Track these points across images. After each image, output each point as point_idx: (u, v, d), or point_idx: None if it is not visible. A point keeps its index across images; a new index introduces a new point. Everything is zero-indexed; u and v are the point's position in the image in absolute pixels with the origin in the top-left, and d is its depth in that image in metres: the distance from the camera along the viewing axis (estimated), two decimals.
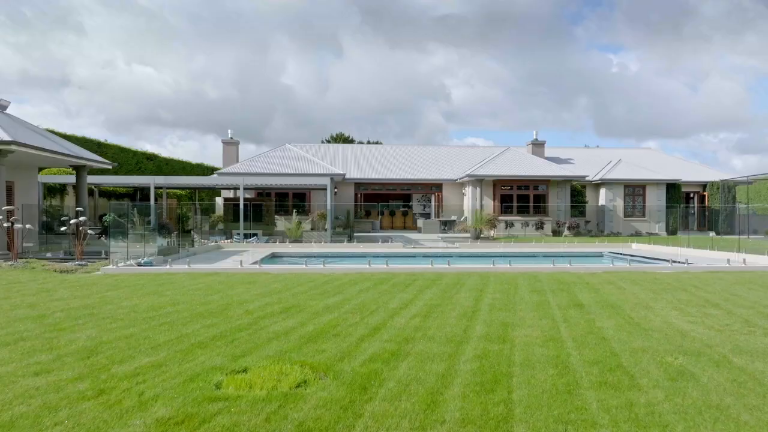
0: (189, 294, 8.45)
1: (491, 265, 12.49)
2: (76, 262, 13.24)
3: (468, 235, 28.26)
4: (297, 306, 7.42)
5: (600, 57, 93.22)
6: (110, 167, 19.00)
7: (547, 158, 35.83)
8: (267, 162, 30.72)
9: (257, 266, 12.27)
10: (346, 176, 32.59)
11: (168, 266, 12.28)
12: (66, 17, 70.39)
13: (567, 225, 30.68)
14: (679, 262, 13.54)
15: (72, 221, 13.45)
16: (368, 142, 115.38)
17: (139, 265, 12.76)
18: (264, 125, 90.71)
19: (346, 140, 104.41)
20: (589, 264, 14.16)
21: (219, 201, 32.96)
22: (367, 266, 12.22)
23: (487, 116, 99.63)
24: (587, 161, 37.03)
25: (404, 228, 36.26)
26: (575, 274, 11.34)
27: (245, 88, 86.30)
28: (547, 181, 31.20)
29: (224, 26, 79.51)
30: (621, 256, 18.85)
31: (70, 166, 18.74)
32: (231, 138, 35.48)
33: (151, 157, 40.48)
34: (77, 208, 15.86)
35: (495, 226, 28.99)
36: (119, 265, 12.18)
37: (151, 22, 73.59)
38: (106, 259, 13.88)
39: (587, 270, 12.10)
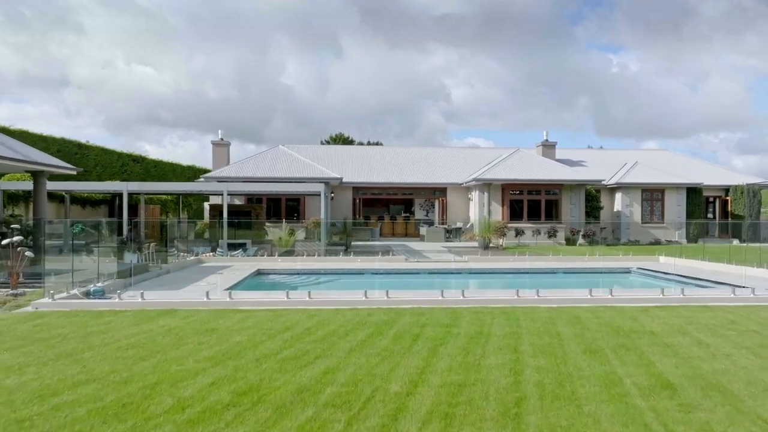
0: (113, 358, 6.11)
1: (515, 296, 10.15)
2: (10, 291, 10.90)
3: (475, 244, 25.94)
4: (256, 388, 5.09)
5: (600, 57, 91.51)
6: (74, 172, 16.68)
7: (558, 160, 33.52)
8: (258, 165, 28.40)
9: (227, 298, 9.91)
10: (344, 180, 30.31)
11: (117, 298, 9.92)
12: (65, 17, 68.65)
13: (582, 233, 28.35)
14: (741, 286, 11.20)
15: (4, 241, 11.10)
16: (368, 143, 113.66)
17: (87, 295, 10.41)
18: (264, 125, 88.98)
19: (346, 141, 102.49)
20: (629, 292, 11.84)
21: (208, 207, 30.68)
22: (363, 297, 9.89)
23: (487, 116, 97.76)
24: (600, 163, 34.70)
25: (406, 235, 33.93)
26: (624, 311, 9.02)
27: (245, 88, 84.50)
28: (560, 186, 28.87)
29: (224, 26, 77.64)
30: (652, 273, 16.53)
31: (27, 171, 16.43)
32: (221, 139, 33.19)
33: (138, 159, 38.16)
34: (12, 226, 13.49)
35: (504, 235, 26.67)
36: (56, 297, 9.83)
37: (151, 22, 71.73)
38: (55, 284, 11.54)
39: (634, 303, 9.77)
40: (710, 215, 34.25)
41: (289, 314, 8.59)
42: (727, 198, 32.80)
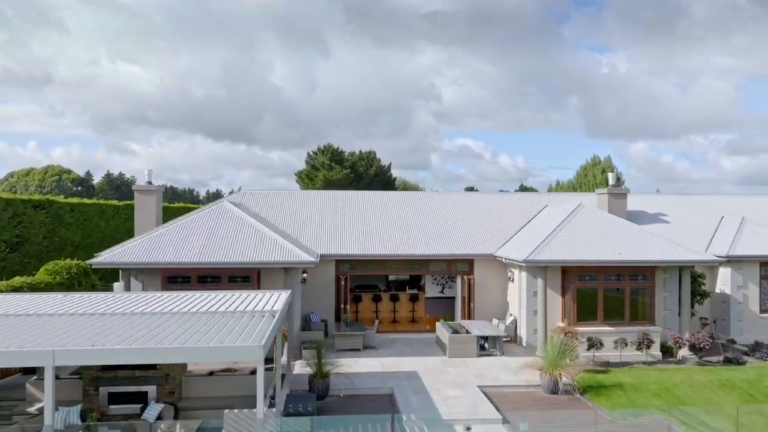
0: None
1: None
2: None
3: (534, 376, 15.84)
4: None
5: (590, 57, 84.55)
6: None
7: (630, 213, 23.67)
8: (185, 238, 18.25)
9: None
10: (323, 253, 20.36)
11: None
12: (47, 14, 60.21)
13: (688, 342, 18.36)
14: None
15: None
16: (359, 153, 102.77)
17: None
18: (253, 125, 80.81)
19: (335, 152, 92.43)
20: None
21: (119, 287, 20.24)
22: None
23: (477, 117, 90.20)
24: (685, 217, 24.72)
25: (412, 322, 23.89)
26: None
27: (232, 88, 76.11)
28: (653, 268, 18.91)
29: (207, 25, 69.18)
30: None
31: None
32: (149, 182, 22.99)
33: (42, 205, 27.98)
34: None
35: (577, 355, 16.58)
36: None
37: (134, 20, 63.30)
38: None
39: None
40: None
41: None
42: None
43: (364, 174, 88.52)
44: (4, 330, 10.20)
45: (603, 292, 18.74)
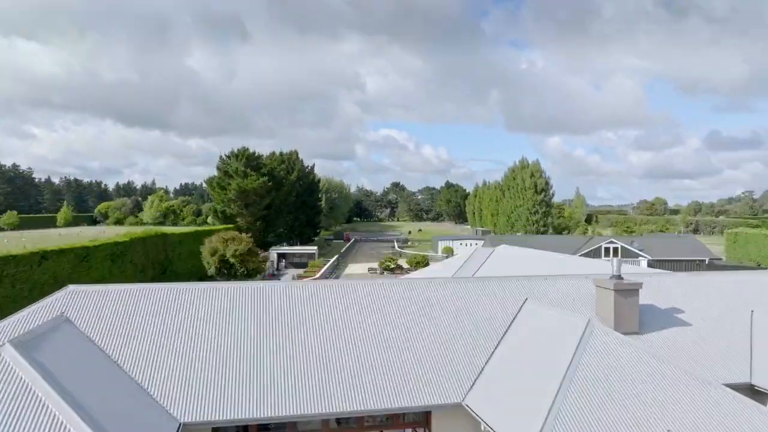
0: None
1: None
2: None
3: None
4: None
5: (509, 53, 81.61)
6: None
7: (643, 308, 17.10)
8: None
9: None
10: (187, 422, 12.32)
11: None
12: None
13: None
14: None
15: None
16: (280, 155, 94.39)
17: None
18: (169, 111, 69.33)
19: (251, 158, 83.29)
20: None
21: None
22: None
23: (401, 108, 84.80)
24: (700, 309, 18.38)
25: None
26: None
27: (145, 71, 64.36)
28: None
29: (117, 2, 57.28)
30: None
31: None
32: None
33: None
34: None
35: None
36: None
37: None
38: None
39: None
40: None
41: None
42: None
43: (285, 180, 79.50)
44: None
45: None
